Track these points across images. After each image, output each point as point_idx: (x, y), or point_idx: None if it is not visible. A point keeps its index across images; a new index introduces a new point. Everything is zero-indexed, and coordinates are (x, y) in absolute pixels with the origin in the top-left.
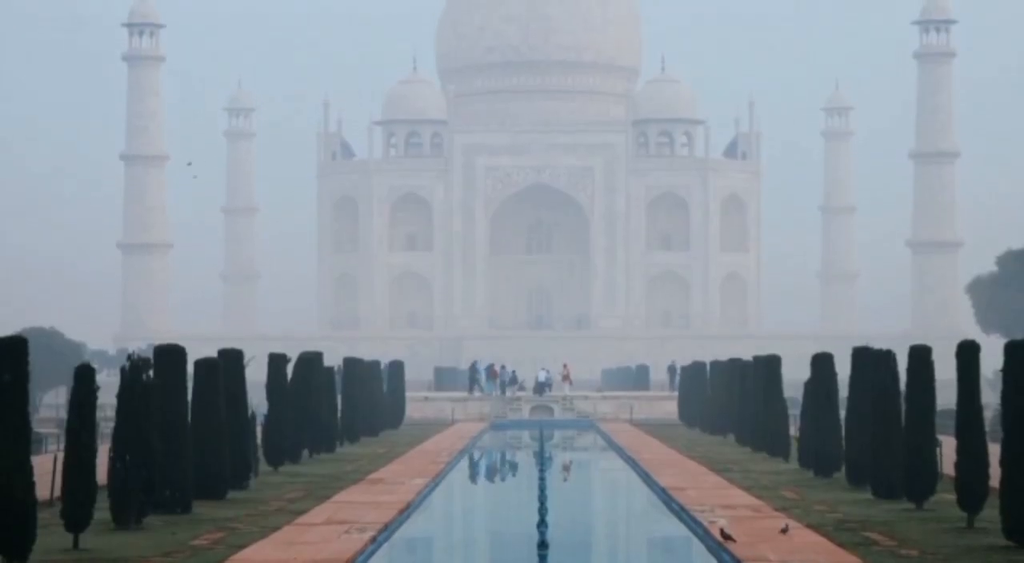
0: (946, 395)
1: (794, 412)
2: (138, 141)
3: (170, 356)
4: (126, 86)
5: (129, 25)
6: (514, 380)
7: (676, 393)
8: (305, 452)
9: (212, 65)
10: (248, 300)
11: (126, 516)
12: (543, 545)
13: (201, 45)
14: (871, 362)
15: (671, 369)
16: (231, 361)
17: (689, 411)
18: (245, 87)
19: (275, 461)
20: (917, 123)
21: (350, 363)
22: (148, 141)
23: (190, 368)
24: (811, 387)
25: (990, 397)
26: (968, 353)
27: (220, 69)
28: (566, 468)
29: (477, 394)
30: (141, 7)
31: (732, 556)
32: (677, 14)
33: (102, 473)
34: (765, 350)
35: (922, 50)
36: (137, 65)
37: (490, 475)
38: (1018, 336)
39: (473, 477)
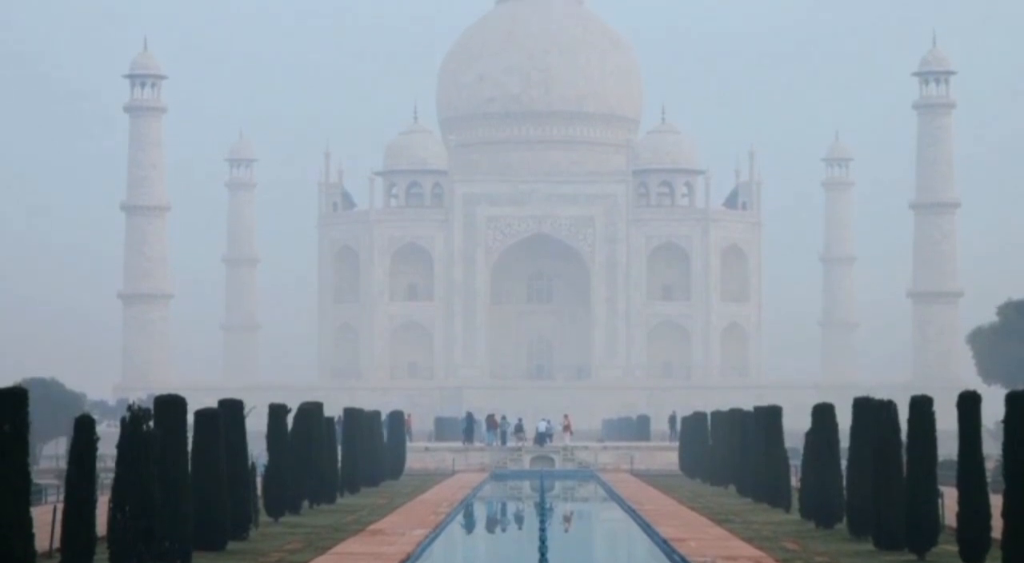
0: (947, 446)
1: (795, 463)
2: (139, 191)
3: (170, 406)
4: (127, 137)
5: (131, 76)
6: (520, 428)
7: (677, 443)
8: (305, 503)
9: (213, 116)
10: (248, 350)
11: None
12: None
13: (202, 96)
14: (872, 412)
15: (672, 419)
16: (231, 411)
17: (690, 462)
18: (246, 138)
19: (275, 512)
20: (917, 173)
21: (350, 413)
22: (149, 191)
23: (190, 418)
24: (812, 438)
25: (991, 448)
26: (969, 404)
27: (221, 120)
28: (567, 519)
29: (478, 444)
30: (143, 59)
31: None
32: (678, 65)
33: (102, 524)
34: (766, 400)
35: (922, 101)
36: (139, 116)
37: (491, 526)
38: (1019, 386)
39: (474, 528)
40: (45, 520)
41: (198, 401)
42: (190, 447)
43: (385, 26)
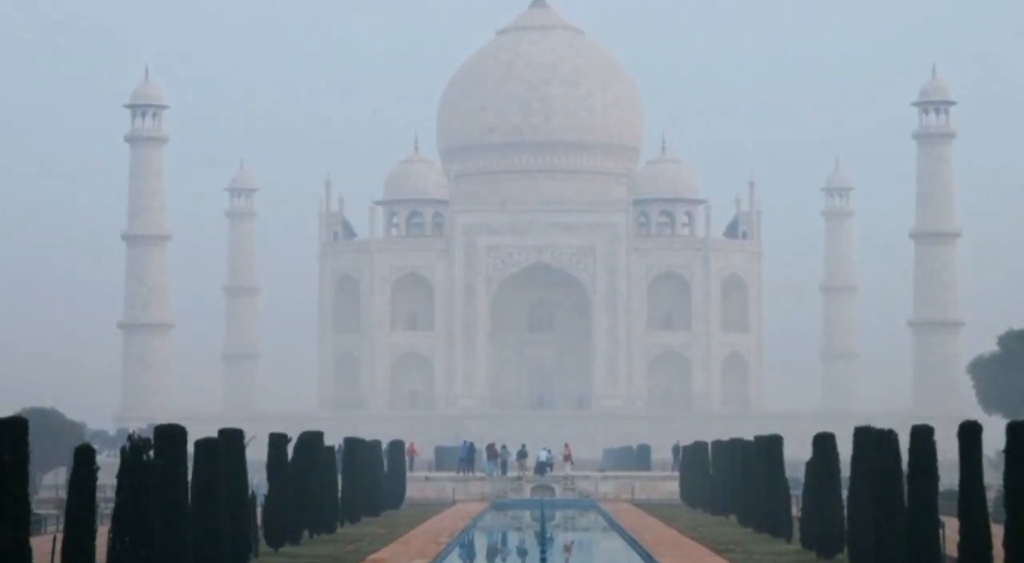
0: (948, 475)
1: (796, 492)
2: (140, 221)
3: (170, 436)
4: (128, 166)
5: (132, 106)
6: (523, 454)
7: (678, 473)
8: (305, 532)
9: (214, 145)
10: (249, 380)
11: None
12: None
13: (203, 126)
14: (873, 442)
15: (676, 449)
16: (231, 441)
17: (691, 491)
18: (247, 167)
19: (275, 542)
20: (917, 203)
21: (351, 443)
22: (150, 221)
23: (190, 448)
24: (813, 467)
25: (993, 478)
26: (970, 433)
27: (222, 149)
28: (567, 548)
29: (479, 473)
30: (144, 88)
31: None
32: (678, 95)
33: (102, 554)
34: (767, 429)
35: (921, 131)
36: (139, 146)
37: (491, 556)
38: (1020, 416)
39: (474, 558)
40: (45, 550)
41: (198, 431)
42: (190, 477)
43: (386, 57)
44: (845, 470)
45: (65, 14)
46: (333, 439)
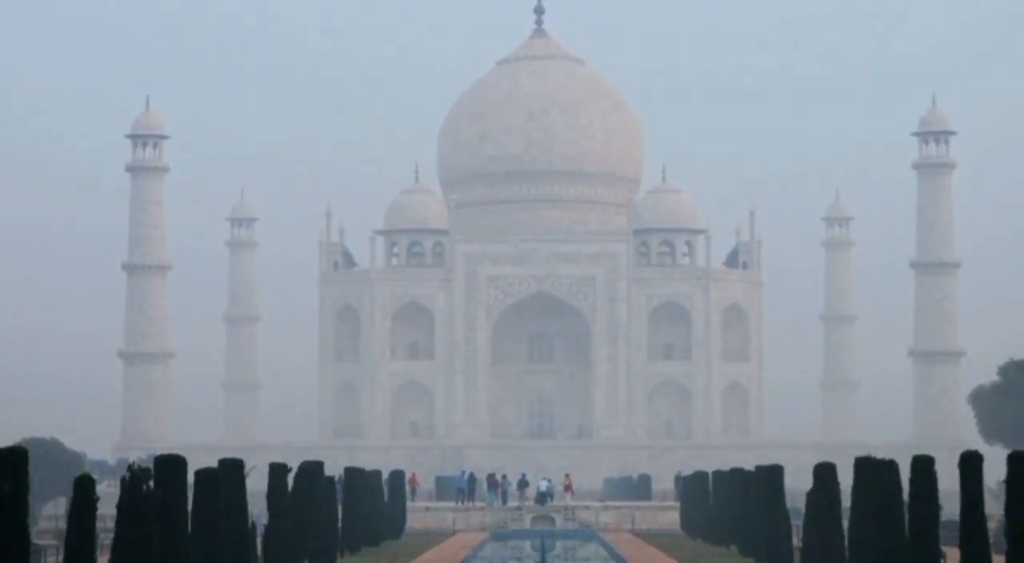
0: (950, 505)
1: (797, 522)
2: (140, 250)
3: (170, 466)
4: (129, 196)
5: (133, 136)
6: (524, 484)
7: (679, 503)
8: (306, 562)
9: (215, 175)
10: (249, 409)
11: None
12: None
13: (204, 155)
14: (874, 472)
15: (677, 479)
16: (232, 471)
17: (692, 521)
18: (248, 197)
19: None
20: (918, 233)
21: (351, 473)
22: (150, 250)
23: (190, 478)
24: (814, 497)
25: (994, 508)
26: (971, 464)
27: (223, 179)
28: None
29: (479, 503)
30: (145, 118)
31: None
32: (678, 124)
33: None
34: (767, 459)
35: (922, 161)
36: (140, 175)
37: None
38: (1021, 447)
39: None
40: None
41: (198, 460)
42: (190, 507)
43: (386, 86)
44: (846, 500)
45: (66, 43)
46: (333, 469)
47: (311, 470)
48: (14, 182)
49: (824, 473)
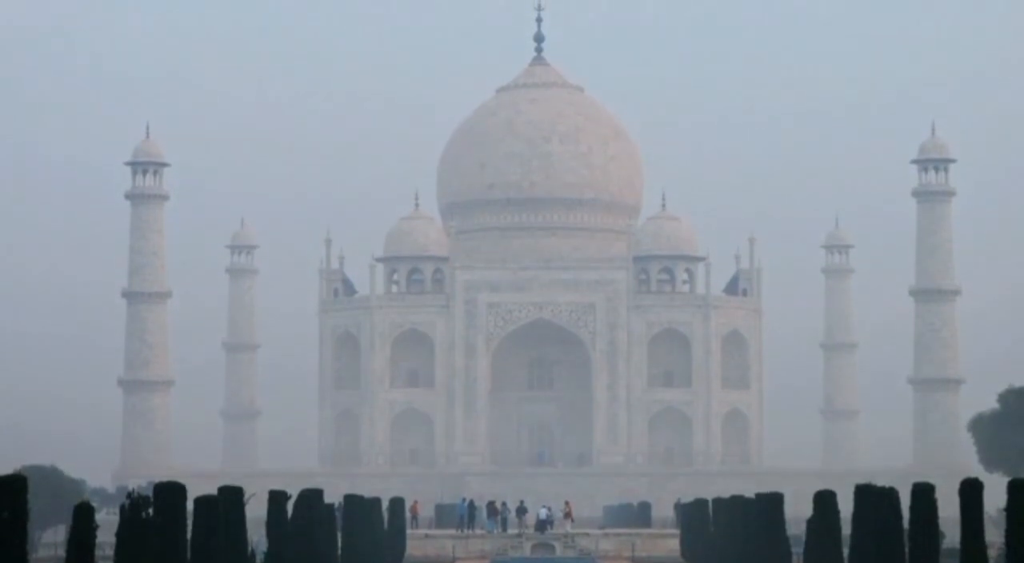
0: (950, 533)
1: (797, 550)
2: (140, 278)
3: (170, 494)
4: (128, 224)
5: (133, 164)
6: (523, 511)
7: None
8: None
9: (215, 202)
10: (249, 437)
11: None
12: None
13: (204, 182)
14: (874, 499)
15: (677, 507)
16: (231, 498)
17: (692, 549)
18: (247, 224)
19: None
20: (917, 260)
21: (351, 500)
22: (150, 278)
23: (190, 505)
24: (814, 525)
25: (994, 535)
26: (971, 491)
27: (223, 206)
28: None
29: (479, 531)
30: (145, 146)
31: None
32: (678, 152)
33: None
34: (767, 487)
35: (921, 188)
36: (140, 203)
37: None
38: (1021, 474)
39: None
40: None
41: (198, 488)
42: (190, 534)
43: (386, 114)
44: (846, 527)
45: (67, 72)
46: (333, 496)
47: (311, 498)
48: (14, 210)
49: (824, 501)
